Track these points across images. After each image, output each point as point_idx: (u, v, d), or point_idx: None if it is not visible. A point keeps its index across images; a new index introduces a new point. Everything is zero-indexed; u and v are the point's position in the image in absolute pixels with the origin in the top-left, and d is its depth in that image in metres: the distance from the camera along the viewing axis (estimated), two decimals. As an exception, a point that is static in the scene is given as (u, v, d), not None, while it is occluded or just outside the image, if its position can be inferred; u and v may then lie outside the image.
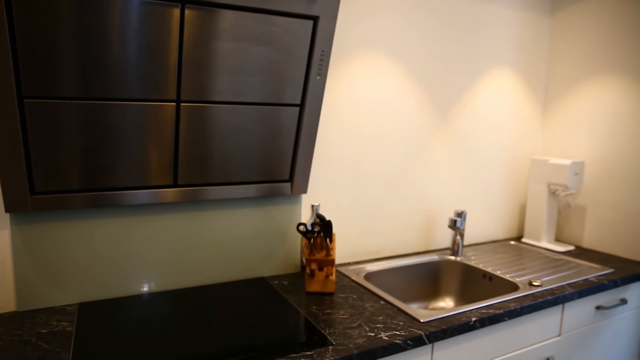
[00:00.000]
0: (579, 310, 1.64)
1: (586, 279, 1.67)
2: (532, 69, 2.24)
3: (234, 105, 1.38)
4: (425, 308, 1.84)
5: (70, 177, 1.24)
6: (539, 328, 1.53)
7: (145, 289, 1.46)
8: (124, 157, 1.29)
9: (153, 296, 1.43)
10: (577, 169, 2.00)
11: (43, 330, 1.18)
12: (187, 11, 1.20)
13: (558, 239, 2.25)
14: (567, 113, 2.20)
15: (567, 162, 1.99)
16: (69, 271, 1.34)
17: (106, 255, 1.39)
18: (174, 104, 1.29)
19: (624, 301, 1.77)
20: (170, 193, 1.39)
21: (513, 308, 1.41)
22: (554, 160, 2.04)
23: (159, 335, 1.18)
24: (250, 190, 1.52)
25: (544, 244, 2.12)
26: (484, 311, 1.37)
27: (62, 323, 1.23)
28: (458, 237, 1.92)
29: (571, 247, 2.08)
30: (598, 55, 2.05)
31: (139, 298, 1.41)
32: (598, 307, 1.70)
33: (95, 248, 1.37)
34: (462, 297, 1.86)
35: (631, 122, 1.93)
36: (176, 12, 1.19)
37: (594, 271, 1.76)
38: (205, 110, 1.34)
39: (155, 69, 1.23)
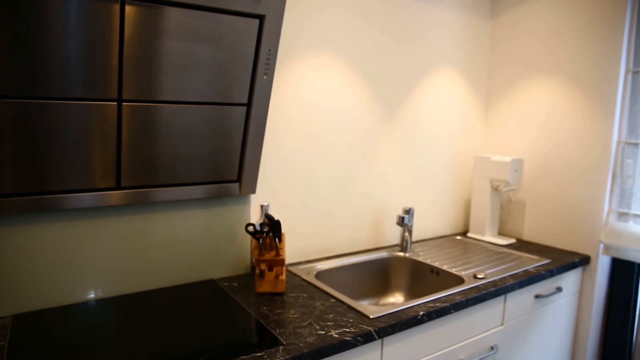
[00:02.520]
0: (520, 300, 1.73)
1: (526, 270, 1.76)
2: (475, 69, 2.32)
3: (179, 105, 1.34)
4: (376, 304, 1.87)
5: (2, 181, 1.17)
6: (483, 318, 1.60)
7: (91, 296, 1.39)
8: (63, 158, 1.22)
9: (98, 303, 1.37)
10: (517, 165, 2.10)
11: (-27, 345, 1.11)
12: (127, 7, 1.16)
13: (501, 233, 2.35)
14: (507, 112, 2.31)
15: (508, 159, 2.08)
16: (1, 281, 1.26)
17: (46, 262, 1.31)
18: (115, 103, 1.25)
19: (559, 289, 1.88)
20: (114, 196, 1.34)
21: (459, 300, 1.46)
22: (496, 158, 2.13)
23: (101, 345, 1.13)
24: (198, 191, 1.49)
25: (488, 237, 2.21)
26: (431, 305, 1.41)
27: (-5, 336, 1.16)
28: (406, 234, 1.96)
29: (513, 240, 2.18)
30: (533, 59, 2.16)
31: (82, 306, 1.35)
32: (537, 296, 1.80)
33: (33, 255, 1.29)
34: (411, 292, 1.90)
35: (564, 120, 2.05)
36: (116, 7, 1.15)
37: (533, 262, 1.85)
38: (149, 110, 1.30)
39: (94, 66, 1.18)
